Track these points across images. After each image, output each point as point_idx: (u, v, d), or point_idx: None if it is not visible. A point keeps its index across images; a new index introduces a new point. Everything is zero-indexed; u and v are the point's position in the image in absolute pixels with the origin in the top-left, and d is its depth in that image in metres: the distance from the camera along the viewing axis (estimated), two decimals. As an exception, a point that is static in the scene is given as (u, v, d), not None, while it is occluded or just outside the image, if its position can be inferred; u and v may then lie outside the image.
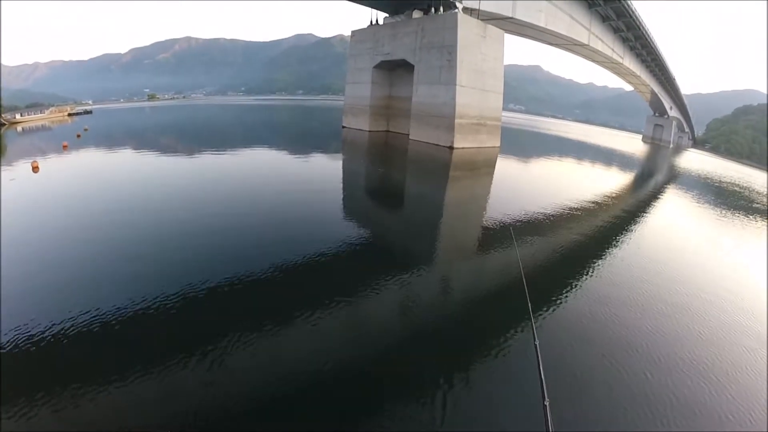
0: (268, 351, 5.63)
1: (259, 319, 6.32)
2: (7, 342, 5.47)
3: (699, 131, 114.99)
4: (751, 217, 19.78)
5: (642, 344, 6.54)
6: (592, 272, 9.75)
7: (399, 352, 5.88)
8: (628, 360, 6.07)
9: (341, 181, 18.80)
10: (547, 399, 2.53)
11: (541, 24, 36.25)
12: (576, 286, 8.74)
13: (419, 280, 8.31)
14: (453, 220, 14.08)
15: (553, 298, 7.86)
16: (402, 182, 20.13)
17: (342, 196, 15.70)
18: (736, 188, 32.18)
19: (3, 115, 44.14)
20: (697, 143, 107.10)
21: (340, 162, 22.81)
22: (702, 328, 7.42)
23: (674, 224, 17.09)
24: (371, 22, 39.70)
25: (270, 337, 5.92)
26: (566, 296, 8.08)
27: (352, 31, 41.44)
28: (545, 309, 7.39)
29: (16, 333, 5.65)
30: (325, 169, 20.56)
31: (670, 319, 7.64)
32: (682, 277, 10.18)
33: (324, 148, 26.41)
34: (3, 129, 38.78)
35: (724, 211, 20.22)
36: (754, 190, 32.36)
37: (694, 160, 56.96)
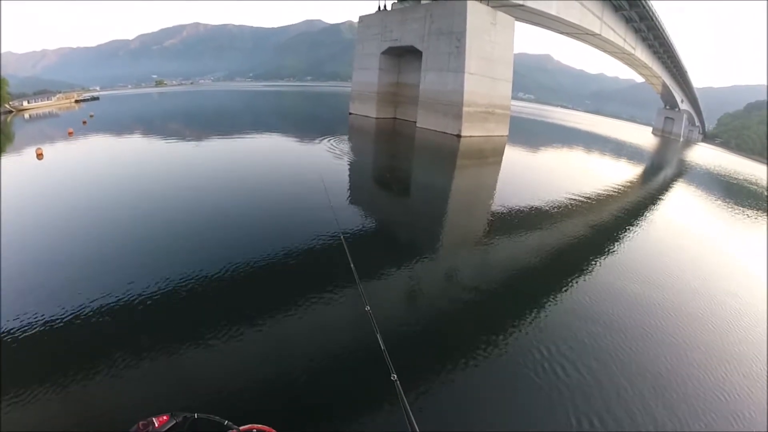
0: (275, 336, 5.75)
1: (263, 305, 6.43)
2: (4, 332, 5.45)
3: (710, 125, 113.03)
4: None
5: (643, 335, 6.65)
6: (598, 262, 9.81)
7: (401, 340, 5.82)
8: (627, 343, 6.32)
9: (347, 169, 18.65)
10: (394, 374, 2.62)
11: (553, 12, 35.52)
12: (583, 274, 8.79)
13: (424, 268, 8.41)
14: (460, 210, 14.08)
15: (560, 287, 7.97)
16: (409, 171, 20.08)
17: (348, 185, 15.53)
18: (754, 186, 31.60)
19: (11, 103, 44.50)
20: (708, 137, 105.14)
21: (348, 150, 22.55)
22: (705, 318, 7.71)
23: (681, 218, 17.09)
24: (379, 7, 39.26)
25: (277, 323, 6.02)
26: (573, 285, 8.19)
27: (360, 17, 41.01)
28: (549, 299, 7.47)
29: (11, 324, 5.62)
30: (331, 158, 20.26)
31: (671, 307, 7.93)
32: (685, 268, 10.48)
33: (331, 134, 26.18)
34: (11, 116, 39.06)
35: (737, 208, 19.96)
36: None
37: (705, 156, 56.07)
